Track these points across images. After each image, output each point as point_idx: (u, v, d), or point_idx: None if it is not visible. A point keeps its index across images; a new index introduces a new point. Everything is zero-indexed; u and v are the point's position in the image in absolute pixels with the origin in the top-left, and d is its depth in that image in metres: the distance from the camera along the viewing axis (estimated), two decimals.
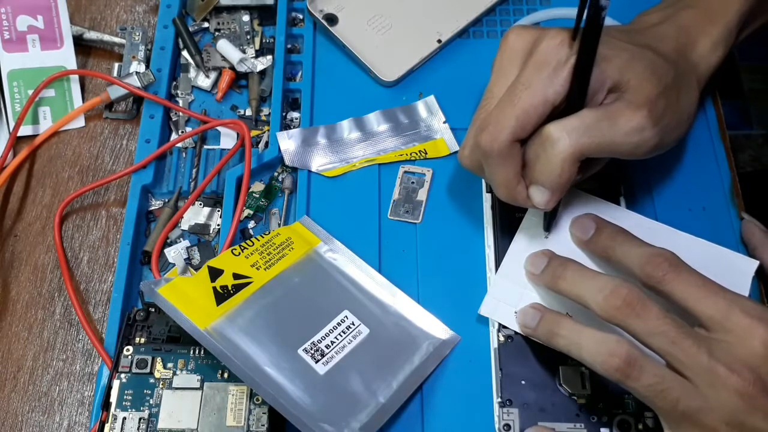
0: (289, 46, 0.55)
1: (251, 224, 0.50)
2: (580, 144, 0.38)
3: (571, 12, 0.55)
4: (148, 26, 0.58)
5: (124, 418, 0.40)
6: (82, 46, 0.57)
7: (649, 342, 0.36)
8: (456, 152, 0.50)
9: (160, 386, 0.41)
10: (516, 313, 0.43)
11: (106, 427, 0.40)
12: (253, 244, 0.45)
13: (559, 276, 0.41)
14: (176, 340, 0.43)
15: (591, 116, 0.38)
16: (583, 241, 0.43)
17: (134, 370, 0.41)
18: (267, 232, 0.46)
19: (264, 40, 0.57)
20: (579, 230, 0.43)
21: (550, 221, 0.44)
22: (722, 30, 0.45)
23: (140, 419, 0.40)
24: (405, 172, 0.50)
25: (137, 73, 0.53)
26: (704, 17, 0.45)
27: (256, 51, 0.56)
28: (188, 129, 0.54)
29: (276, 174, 0.52)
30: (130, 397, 0.40)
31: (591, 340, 0.37)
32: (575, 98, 0.39)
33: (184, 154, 0.53)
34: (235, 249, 0.44)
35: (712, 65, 0.45)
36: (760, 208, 0.49)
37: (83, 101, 0.55)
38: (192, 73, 0.56)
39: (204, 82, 0.55)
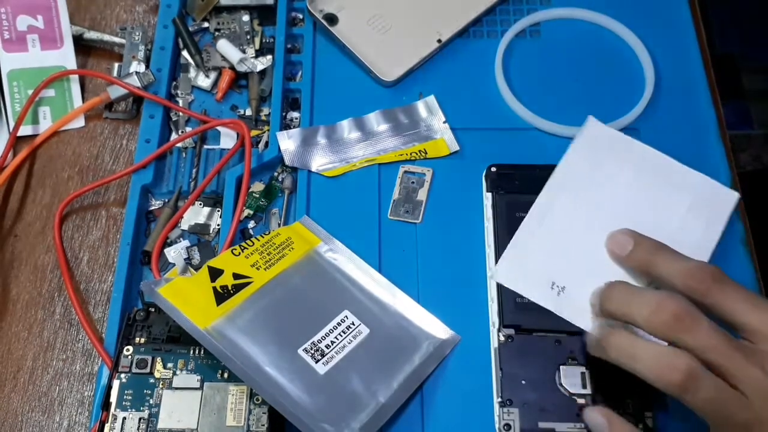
0: (289, 46, 0.55)
1: (251, 224, 0.50)
2: None
3: (572, 12, 0.55)
4: (148, 26, 0.58)
5: (124, 418, 0.40)
6: (82, 46, 0.57)
7: (702, 356, 0.35)
8: (456, 152, 0.50)
9: (160, 386, 0.41)
10: (529, 286, 0.43)
11: (106, 427, 0.40)
12: (253, 244, 0.45)
13: (606, 297, 0.40)
14: (176, 340, 0.43)
15: None
16: (622, 257, 0.42)
17: (134, 370, 0.41)
18: (267, 232, 0.46)
19: (264, 40, 0.57)
20: (616, 246, 0.43)
21: None
22: None
23: (140, 419, 0.40)
24: (405, 172, 0.50)
25: (137, 73, 0.53)
26: None
27: (256, 51, 0.56)
28: (188, 129, 0.54)
29: (276, 174, 0.52)
30: (130, 397, 0.40)
31: (648, 353, 0.36)
32: None
33: (184, 154, 0.53)
34: (235, 249, 0.44)
35: None
36: (760, 208, 0.49)
37: (83, 101, 0.55)
38: (192, 73, 0.56)
39: (204, 82, 0.55)
